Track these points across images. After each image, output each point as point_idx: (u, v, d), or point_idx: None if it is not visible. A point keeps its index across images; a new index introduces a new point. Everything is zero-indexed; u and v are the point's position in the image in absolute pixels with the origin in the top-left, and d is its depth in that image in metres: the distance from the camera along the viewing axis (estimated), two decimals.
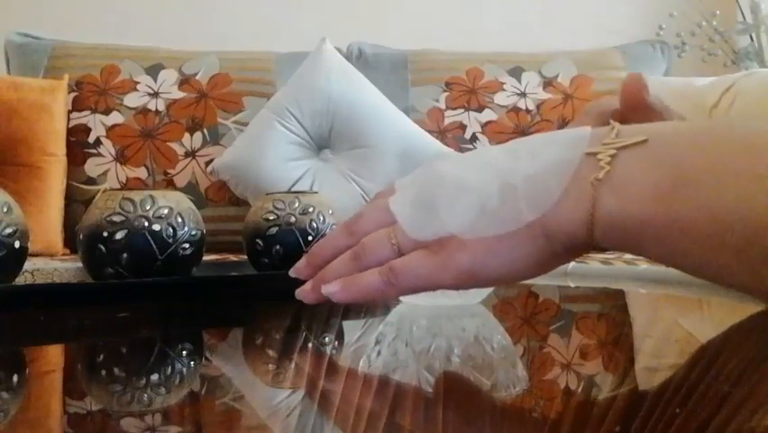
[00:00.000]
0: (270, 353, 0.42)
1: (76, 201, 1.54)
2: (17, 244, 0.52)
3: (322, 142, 1.57)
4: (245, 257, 0.69)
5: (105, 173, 1.56)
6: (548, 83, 1.74)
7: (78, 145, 1.56)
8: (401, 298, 0.52)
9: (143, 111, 1.59)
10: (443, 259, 0.34)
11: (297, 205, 0.66)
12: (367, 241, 0.38)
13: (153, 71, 1.65)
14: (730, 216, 0.28)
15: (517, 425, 0.27)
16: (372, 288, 0.36)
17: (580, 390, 0.31)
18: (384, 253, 0.37)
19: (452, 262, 0.33)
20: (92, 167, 1.56)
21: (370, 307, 0.53)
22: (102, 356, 0.40)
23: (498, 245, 0.33)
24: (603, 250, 0.33)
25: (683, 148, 0.30)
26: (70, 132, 1.56)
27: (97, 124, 1.58)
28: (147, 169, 1.57)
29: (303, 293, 0.41)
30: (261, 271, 0.66)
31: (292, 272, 0.44)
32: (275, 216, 0.65)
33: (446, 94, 1.71)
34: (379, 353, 0.40)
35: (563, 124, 1.65)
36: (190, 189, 1.54)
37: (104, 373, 0.36)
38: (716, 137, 0.31)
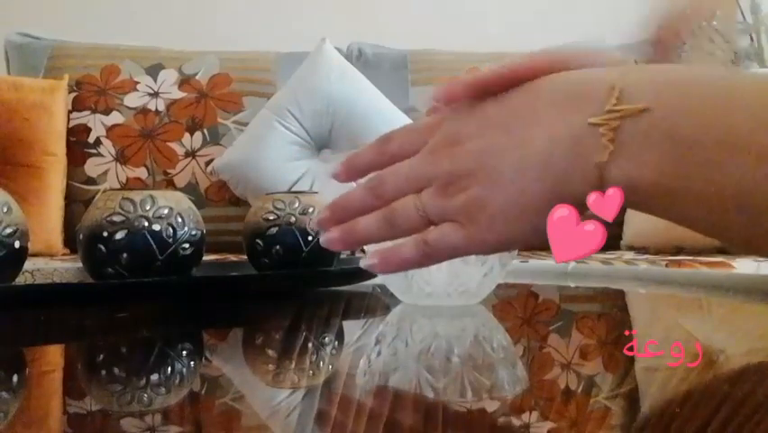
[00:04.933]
0: (270, 353, 0.42)
1: (76, 201, 1.54)
2: (17, 244, 0.52)
3: (322, 143, 1.57)
4: (245, 257, 0.69)
5: (105, 173, 1.56)
6: None
7: (78, 145, 1.56)
8: (401, 299, 0.52)
9: (143, 111, 1.59)
10: (472, 234, 0.36)
11: (297, 205, 0.66)
12: (396, 207, 0.39)
13: (153, 71, 1.65)
14: (727, 183, 0.31)
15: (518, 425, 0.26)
16: (410, 261, 0.38)
17: (579, 390, 0.31)
18: (412, 221, 0.38)
19: (481, 238, 0.36)
20: (92, 167, 1.56)
21: (370, 308, 0.53)
22: (102, 356, 0.40)
23: (520, 218, 0.35)
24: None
25: (685, 119, 0.32)
26: (70, 132, 1.56)
27: (97, 124, 1.58)
28: (147, 169, 1.56)
29: (330, 241, 0.41)
30: (261, 271, 0.66)
31: (314, 224, 0.44)
32: (275, 216, 0.65)
33: None
34: (379, 353, 0.40)
35: None
36: (190, 189, 1.54)
37: (104, 372, 0.36)
38: (717, 104, 0.32)
